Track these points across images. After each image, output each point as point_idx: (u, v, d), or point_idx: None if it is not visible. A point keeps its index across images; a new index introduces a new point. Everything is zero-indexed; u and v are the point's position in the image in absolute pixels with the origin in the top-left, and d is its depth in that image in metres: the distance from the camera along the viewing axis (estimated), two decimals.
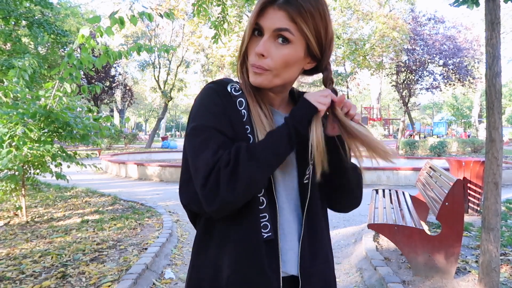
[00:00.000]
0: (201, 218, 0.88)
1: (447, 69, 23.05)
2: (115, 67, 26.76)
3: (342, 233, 4.54)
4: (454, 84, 23.64)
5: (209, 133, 0.78)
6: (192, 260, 0.89)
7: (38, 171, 4.55)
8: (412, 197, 4.45)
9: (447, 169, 5.34)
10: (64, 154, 4.34)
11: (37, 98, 4.17)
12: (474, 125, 35.20)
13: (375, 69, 20.83)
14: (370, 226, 3.11)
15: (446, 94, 38.31)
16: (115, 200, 6.23)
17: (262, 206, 0.82)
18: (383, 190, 4.69)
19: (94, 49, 4.11)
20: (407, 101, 24.50)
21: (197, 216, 0.91)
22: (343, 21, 20.28)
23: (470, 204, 5.16)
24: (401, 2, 25.21)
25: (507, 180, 8.17)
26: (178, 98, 39.79)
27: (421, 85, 24.47)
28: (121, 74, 30.08)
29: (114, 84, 26.80)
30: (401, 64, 23.09)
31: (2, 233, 4.09)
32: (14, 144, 3.94)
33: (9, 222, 4.58)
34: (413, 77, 23.67)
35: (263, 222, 0.81)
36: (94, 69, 15.77)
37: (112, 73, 25.91)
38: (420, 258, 2.93)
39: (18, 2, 9.98)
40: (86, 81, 21.22)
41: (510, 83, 43.86)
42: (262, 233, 0.81)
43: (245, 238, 0.81)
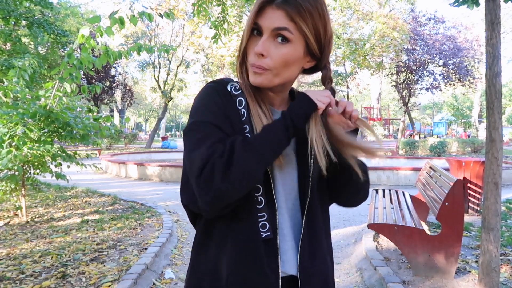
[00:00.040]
0: (201, 218, 0.88)
1: (447, 69, 23.06)
2: (115, 67, 26.77)
3: (342, 233, 4.54)
4: (454, 84, 23.65)
5: (208, 129, 0.78)
6: (192, 260, 0.89)
7: (38, 171, 4.55)
8: (412, 197, 4.45)
9: (447, 169, 5.35)
10: (64, 154, 4.35)
11: (37, 98, 4.17)
12: (474, 125, 35.20)
13: (375, 69, 20.83)
14: (370, 226, 3.11)
15: (446, 94, 38.32)
16: (115, 200, 6.23)
17: (261, 206, 0.81)
18: (383, 190, 4.69)
19: (94, 49, 4.11)
20: (407, 101, 24.50)
21: (197, 216, 0.91)
22: (343, 21, 20.27)
23: (470, 204, 5.16)
24: (401, 2, 25.21)
25: (507, 180, 8.17)
26: (178, 98, 39.79)
27: (421, 85, 24.48)
28: (121, 74, 30.08)
29: (114, 84, 26.81)
30: (401, 64, 23.10)
31: (2, 233, 4.09)
32: (14, 144, 3.94)
33: (9, 222, 4.58)
34: (413, 77, 23.68)
35: (262, 222, 0.81)
36: (94, 69, 15.77)
37: (112, 73, 25.92)
38: (420, 258, 2.93)
39: (18, 2, 9.99)
40: (86, 81, 21.23)
41: (510, 83, 43.86)
42: (261, 233, 0.80)
43: (244, 238, 0.81)
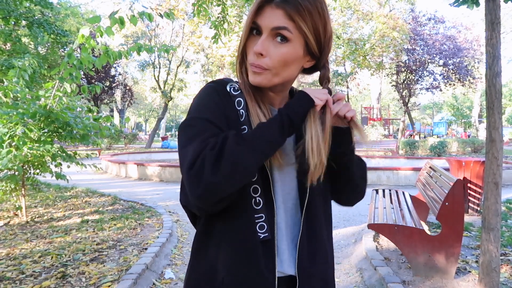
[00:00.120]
0: (201, 218, 0.88)
1: (447, 69, 23.06)
2: (115, 67, 26.77)
3: (342, 233, 4.54)
4: (454, 84, 23.65)
5: (203, 125, 0.77)
6: (191, 260, 0.89)
7: (38, 171, 4.55)
8: (412, 197, 4.45)
9: (447, 169, 5.34)
10: (64, 154, 4.34)
11: (37, 98, 4.17)
12: (474, 125, 35.20)
13: (375, 69, 20.82)
14: (370, 226, 3.11)
15: (446, 94, 38.31)
16: (115, 200, 6.23)
17: (259, 207, 0.81)
18: (383, 190, 4.69)
19: (94, 49, 4.11)
20: (407, 101, 24.51)
21: (197, 216, 0.91)
22: (343, 21, 20.27)
23: (470, 204, 5.16)
24: (401, 2, 25.20)
25: (507, 180, 8.17)
26: (178, 98, 39.77)
27: (421, 85, 24.48)
28: (121, 74, 30.07)
29: (114, 84, 26.81)
30: (401, 64, 23.10)
31: (2, 233, 4.09)
32: (14, 144, 3.94)
33: (9, 222, 4.58)
34: (413, 77, 23.68)
35: (260, 223, 0.81)
36: (94, 69, 15.77)
37: (112, 73, 25.92)
38: (420, 258, 2.93)
39: (18, 2, 9.98)
40: (86, 81, 21.23)
41: (510, 83, 43.85)
42: (259, 234, 0.80)
43: (241, 239, 0.81)
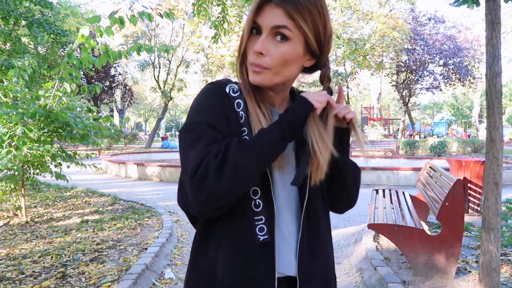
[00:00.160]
0: (201, 219, 0.88)
1: (447, 69, 23.05)
2: (115, 67, 26.75)
3: (342, 233, 4.54)
4: (454, 84, 23.64)
5: (203, 130, 0.77)
6: (191, 260, 0.89)
7: (38, 171, 4.55)
8: (412, 197, 4.44)
9: (447, 169, 5.34)
10: (64, 154, 4.34)
11: (37, 98, 4.16)
12: (475, 125, 35.21)
13: (375, 69, 20.82)
14: (370, 226, 3.11)
15: (446, 94, 38.30)
16: (115, 200, 6.23)
17: (258, 209, 0.81)
18: (383, 190, 4.69)
19: (94, 49, 4.11)
20: (407, 101, 24.50)
21: (197, 218, 0.90)
22: (343, 21, 20.26)
23: (470, 204, 5.16)
24: (401, 2, 25.20)
25: (507, 180, 8.17)
26: (178, 98, 39.78)
27: (421, 85, 24.46)
28: (121, 74, 30.07)
29: (114, 84, 26.80)
30: (401, 64, 23.09)
31: (2, 233, 4.09)
32: (14, 144, 3.94)
33: (9, 222, 4.57)
34: (413, 77, 23.67)
35: (259, 225, 0.80)
36: (94, 69, 15.77)
37: (112, 73, 25.91)
38: (420, 258, 2.93)
39: (18, 2, 9.98)
40: (86, 81, 21.21)
41: (510, 83, 43.84)
42: (258, 236, 0.80)
43: (241, 241, 0.80)
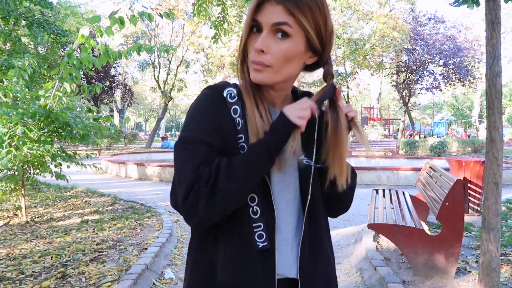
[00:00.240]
0: None
1: (447, 69, 23.05)
2: (115, 67, 26.76)
3: (342, 233, 4.54)
4: (454, 84, 23.64)
5: (196, 147, 0.77)
6: (187, 264, 0.88)
7: (38, 171, 4.55)
8: (412, 197, 4.45)
9: (447, 169, 5.34)
10: (64, 154, 4.34)
11: (37, 98, 4.16)
12: (474, 125, 35.20)
13: (375, 69, 20.82)
14: (370, 226, 3.11)
15: (446, 94, 38.29)
16: (115, 200, 6.23)
17: (256, 216, 0.80)
18: (383, 190, 4.69)
19: (94, 49, 4.10)
20: (407, 101, 24.50)
21: None
22: (343, 21, 20.25)
23: (470, 204, 5.16)
24: (401, 2, 25.19)
25: (507, 180, 8.17)
26: (178, 98, 39.78)
27: (421, 85, 24.46)
28: (121, 74, 30.07)
29: (114, 84, 26.81)
30: (401, 64, 23.09)
31: (2, 233, 4.09)
32: (14, 144, 3.94)
33: (9, 222, 4.57)
34: (413, 77, 23.66)
35: (258, 232, 0.79)
36: (94, 69, 15.76)
37: (112, 73, 25.91)
38: (420, 258, 2.93)
39: (18, 2, 9.98)
40: (86, 81, 21.21)
41: (510, 83, 43.83)
42: (257, 243, 0.79)
43: (238, 248, 0.80)
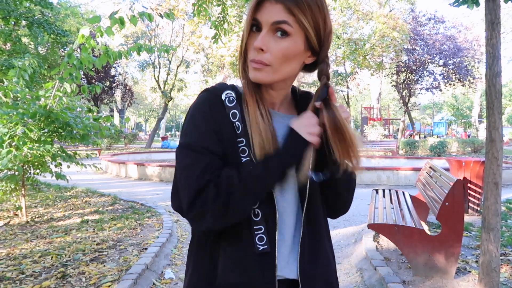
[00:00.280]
0: None
1: (447, 69, 23.06)
2: (115, 67, 26.77)
3: (342, 233, 4.54)
4: (454, 84, 23.65)
5: (197, 153, 0.78)
6: (190, 265, 0.88)
7: (38, 171, 4.55)
8: (412, 197, 4.45)
9: (447, 169, 5.34)
10: (64, 154, 4.34)
11: (37, 98, 4.17)
12: (474, 125, 35.19)
13: (375, 69, 20.83)
14: (370, 226, 3.11)
15: (446, 94, 38.29)
16: (115, 200, 6.23)
17: (257, 218, 0.80)
18: (383, 190, 4.69)
19: (94, 49, 4.11)
20: (407, 101, 24.51)
21: None
22: (343, 21, 20.27)
23: (470, 204, 5.16)
24: (401, 2, 25.21)
25: (507, 180, 8.17)
26: (178, 98, 39.75)
27: (421, 85, 24.48)
28: (121, 74, 30.07)
29: (114, 84, 26.82)
30: (401, 64, 23.10)
31: (2, 233, 4.09)
32: (14, 144, 3.94)
33: (9, 222, 4.58)
34: (413, 77, 23.68)
35: (259, 235, 0.79)
36: (94, 69, 15.76)
37: (112, 73, 25.93)
38: (420, 258, 2.93)
39: (18, 2, 9.98)
40: (86, 81, 21.22)
41: (510, 83, 43.83)
42: (257, 246, 0.79)
43: (239, 250, 0.80)
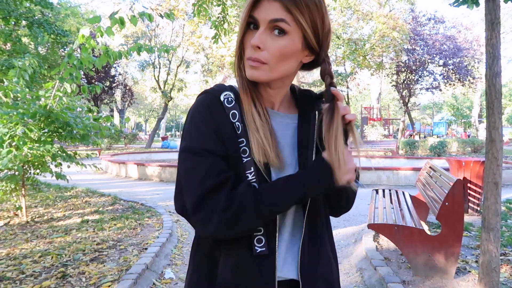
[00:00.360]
0: None
1: (447, 69, 23.07)
2: (115, 67, 26.79)
3: (342, 233, 4.54)
4: (454, 84, 23.66)
5: (199, 156, 0.77)
6: (190, 264, 0.89)
7: (38, 171, 4.55)
8: (412, 197, 4.45)
9: (447, 169, 5.35)
10: (64, 154, 4.34)
11: (37, 98, 4.17)
12: (474, 125, 35.18)
13: (375, 69, 20.82)
14: (370, 226, 3.11)
15: (446, 94, 38.30)
16: (115, 200, 6.23)
17: None
18: (383, 190, 4.69)
19: (94, 49, 4.11)
20: (407, 101, 24.51)
21: None
22: (343, 21, 20.27)
23: (470, 204, 5.16)
24: (401, 2, 25.20)
25: (507, 180, 8.17)
26: (178, 98, 39.77)
27: (421, 85, 24.50)
28: (121, 74, 30.09)
29: (114, 84, 26.83)
30: (401, 64, 23.10)
31: (2, 233, 4.09)
32: (14, 144, 3.94)
33: (9, 222, 4.58)
34: (413, 77, 23.69)
35: (257, 237, 0.79)
36: (94, 69, 15.76)
37: (112, 73, 25.94)
38: (420, 258, 2.93)
39: (18, 2, 9.99)
40: (86, 81, 21.22)
41: (510, 83, 43.81)
42: (256, 248, 0.79)
43: (238, 252, 0.80)
